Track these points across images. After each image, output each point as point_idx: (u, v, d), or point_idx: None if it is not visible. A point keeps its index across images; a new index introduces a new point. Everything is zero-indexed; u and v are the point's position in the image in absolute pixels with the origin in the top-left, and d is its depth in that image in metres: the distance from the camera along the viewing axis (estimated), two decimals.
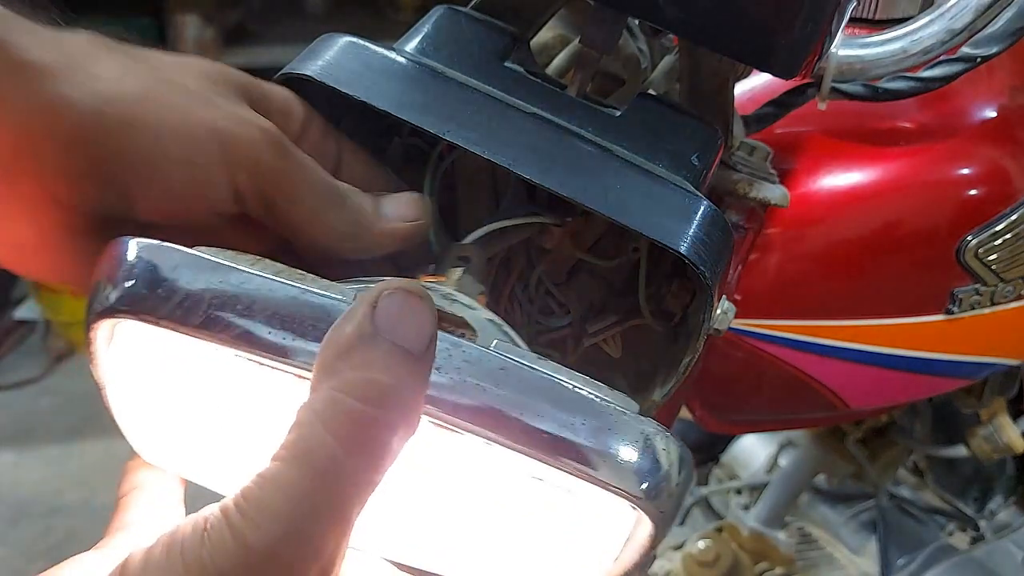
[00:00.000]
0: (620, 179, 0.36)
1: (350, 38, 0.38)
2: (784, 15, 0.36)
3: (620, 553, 0.32)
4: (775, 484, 1.10)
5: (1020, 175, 0.57)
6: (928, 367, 0.60)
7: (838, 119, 0.57)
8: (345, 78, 0.36)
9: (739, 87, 0.54)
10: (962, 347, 0.60)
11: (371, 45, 0.38)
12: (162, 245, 0.28)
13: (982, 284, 0.57)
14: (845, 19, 0.39)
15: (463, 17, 0.41)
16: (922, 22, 0.49)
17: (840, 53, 0.49)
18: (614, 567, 0.32)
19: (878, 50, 0.49)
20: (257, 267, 0.28)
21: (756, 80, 0.57)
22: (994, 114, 0.58)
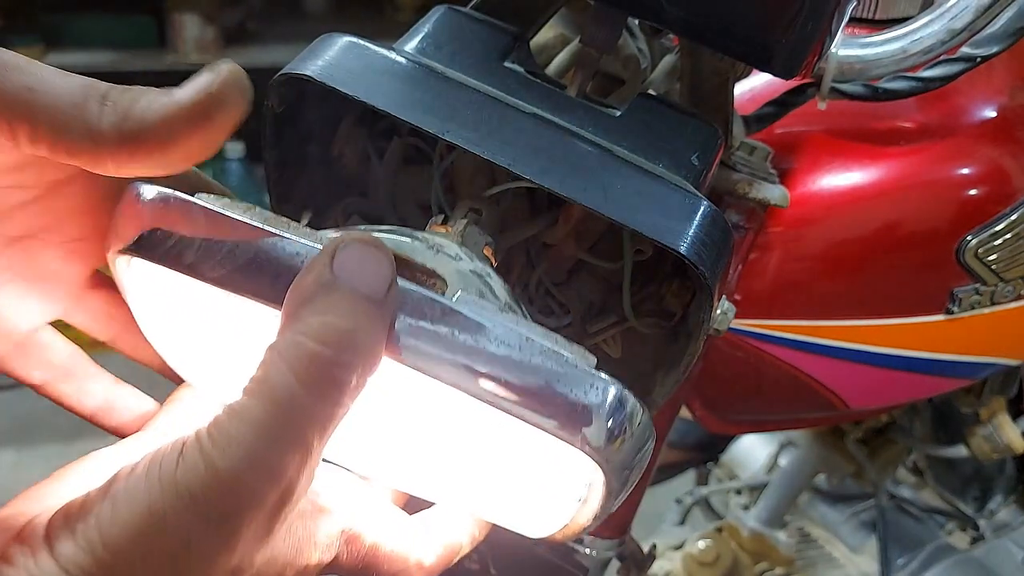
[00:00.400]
0: (620, 179, 0.36)
1: (350, 38, 0.38)
2: (784, 15, 0.36)
3: (579, 501, 0.33)
4: (775, 484, 1.10)
5: (1020, 175, 0.57)
6: (928, 367, 0.60)
7: (838, 119, 0.57)
8: (345, 78, 0.36)
9: (739, 87, 0.54)
10: (962, 347, 0.60)
11: (371, 45, 0.38)
12: (164, 192, 0.30)
13: (982, 284, 0.57)
14: (845, 19, 0.39)
15: (463, 17, 0.41)
16: (922, 22, 0.49)
17: (840, 53, 0.49)
18: (576, 516, 0.34)
19: (878, 50, 0.49)
20: (247, 215, 0.30)
21: (756, 80, 0.57)
22: (994, 114, 0.58)
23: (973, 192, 0.56)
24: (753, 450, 1.18)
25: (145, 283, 0.33)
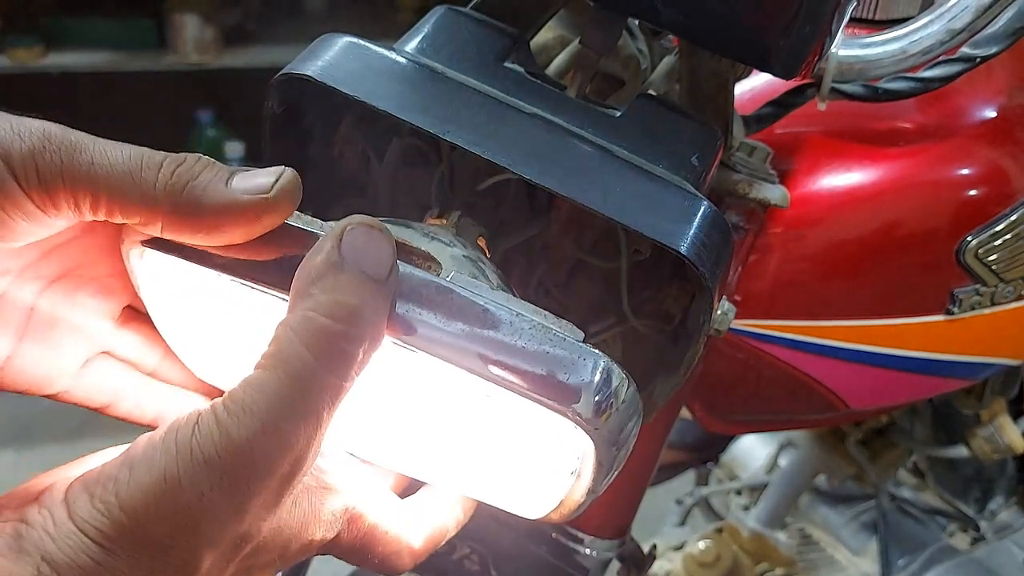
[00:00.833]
0: (620, 180, 0.36)
1: (350, 38, 0.38)
2: (784, 16, 0.36)
3: (571, 475, 0.34)
4: (775, 485, 1.10)
5: (1020, 175, 0.57)
6: (928, 367, 0.60)
7: (838, 119, 0.57)
8: (345, 78, 0.36)
9: (739, 87, 0.54)
10: (962, 347, 0.60)
11: (371, 45, 0.38)
12: None
13: (982, 284, 0.57)
14: (845, 19, 0.39)
15: (463, 18, 0.41)
16: (922, 22, 0.49)
17: (840, 53, 0.49)
18: (570, 492, 0.35)
19: (878, 50, 0.49)
20: None
21: (756, 80, 0.57)
22: (994, 114, 0.58)
23: (973, 193, 0.56)
24: (753, 450, 1.18)
25: (157, 275, 0.35)
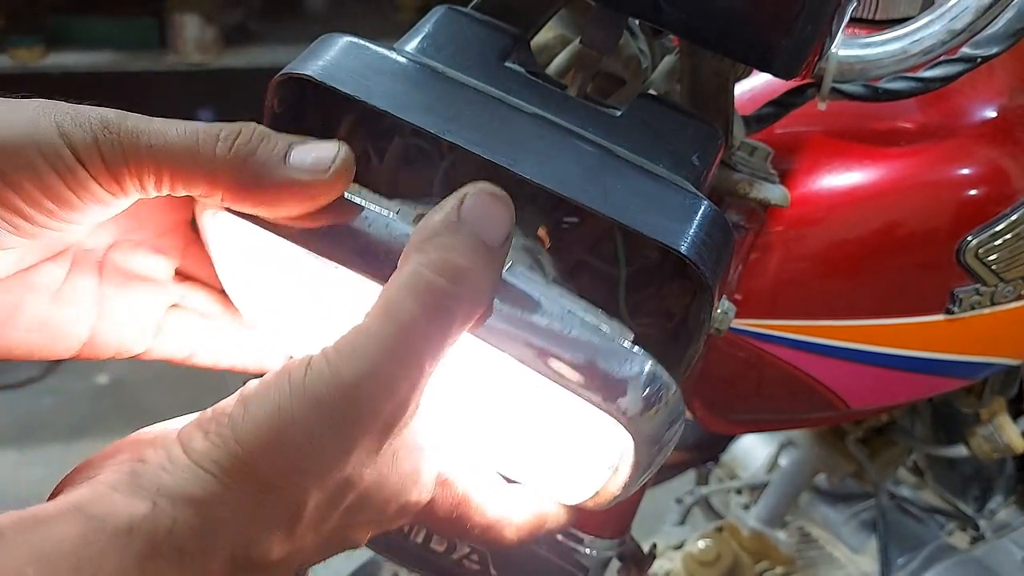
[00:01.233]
0: (620, 179, 0.36)
1: (350, 38, 0.38)
2: (784, 15, 0.36)
3: (610, 469, 0.35)
4: (775, 484, 1.10)
5: (1020, 175, 0.57)
6: (928, 367, 0.60)
7: (838, 119, 0.57)
8: (345, 78, 0.36)
9: (739, 87, 0.54)
10: (962, 347, 0.60)
11: (371, 45, 0.38)
12: None
13: (982, 284, 0.57)
14: (845, 19, 0.39)
15: (463, 17, 0.42)
16: (922, 22, 0.49)
17: (840, 53, 0.49)
18: (607, 484, 0.36)
19: (878, 50, 0.49)
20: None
21: (756, 80, 0.57)
22: (994, 114, 0.58)
23: (973, 192, 0.56)
24: (753, 450, 1.18)
25: (227, 235, 0.36)
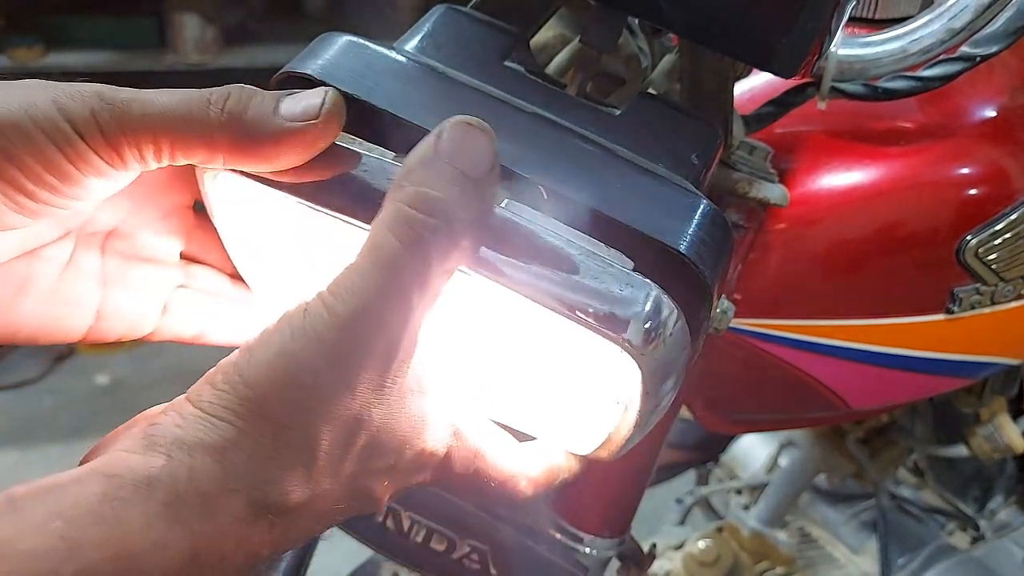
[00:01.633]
0: (620, 178, 0.36)
1: (350, 37, 0.38)
2: (784, 15, 0.36)
3: (618, 405, 0.35)
4: (775, 484, 1.10)
5: (1020, 175, 0.57)
6: (928, 367, 0.60)
7: (838, 118, 0.57)
8: (345, 77, 0.36)
9: (739, 87, 0.54)
10: (962, 347, 0.60)
11: (371, 44, 0.38)
12: None
13: (982, 283, 0.57)
14: (845, 18, 0.39)
15: (463, 16, 0.42)
16: (921, 21, 0.49)
17: (840, 52, 0.49)
18: (618, 426, 0.36)
19: (878, 49, 0.49)
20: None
21: (756, 79, 0.57)
22: (994, 114, 0.58)
23: (973, 192, 0.56)
24: (753, 450, 1.18)
25: (229, 198, 0.37)
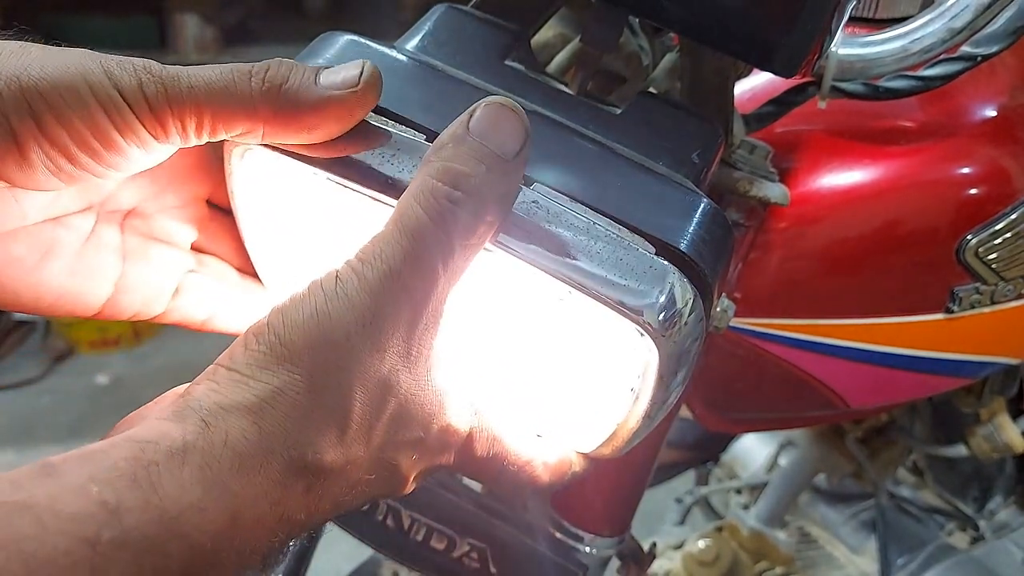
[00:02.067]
0: (620, 177, 0.36)
1: (350, 36, 0.38)
2: (784, 14, 0.36)
3: (630, 392, 0.35)
4: (775, 484, 1.10)
5: (1020, 174, 0.57)
6: (928, 366, 0.60)
7: (838, 118, 0.57)
8: None
9: (739, 86, 0.54)
10: (962, 346, 0.60)
11: (372, 43, 0.38)
12: None
13: (982, 283, 0.57)
14: (845, 18, 0.39)
15: (464, 15, 0.42)
16: (922, 21, 0.49)
17: (840, 52, 0.49)
18: (628, 416, 0.36)
19: (878, 49, 0.49)
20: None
21: (756, 79, 0.57)
22: (994, 113, 0.58)
23: (973, 191, 0.56)
24: (753, 450, 1.18)
25: (254, 175, 0.37)
